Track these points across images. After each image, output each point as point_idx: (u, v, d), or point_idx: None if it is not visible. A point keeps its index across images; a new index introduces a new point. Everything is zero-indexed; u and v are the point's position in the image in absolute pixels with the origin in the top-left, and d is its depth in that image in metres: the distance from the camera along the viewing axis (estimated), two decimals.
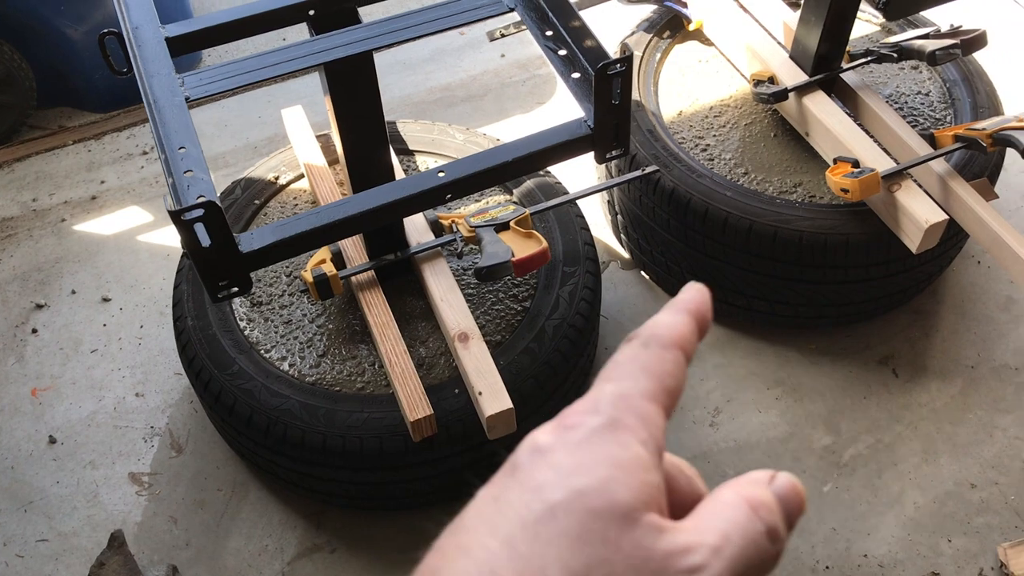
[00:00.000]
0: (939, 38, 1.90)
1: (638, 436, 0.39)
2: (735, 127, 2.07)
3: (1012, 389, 2.03)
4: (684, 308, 0.44)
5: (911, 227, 1.74)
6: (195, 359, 1.76)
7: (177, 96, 1.31)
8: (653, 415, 0.40)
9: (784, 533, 0.39)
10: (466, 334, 1.67)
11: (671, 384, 0.41)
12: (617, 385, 0.40)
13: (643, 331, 0.43)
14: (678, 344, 0.42)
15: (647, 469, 0.38)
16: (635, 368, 0.41)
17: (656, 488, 0.38)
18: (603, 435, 0.38)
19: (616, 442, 0.38)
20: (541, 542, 0.35)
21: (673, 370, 0.42)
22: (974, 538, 1.83)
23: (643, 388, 0.40)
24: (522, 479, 0.38)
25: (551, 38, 1.36)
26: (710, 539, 0.37)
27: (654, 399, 0.40)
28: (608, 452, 0.38)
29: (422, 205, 1.29)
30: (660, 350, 0.42)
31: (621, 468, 0.37)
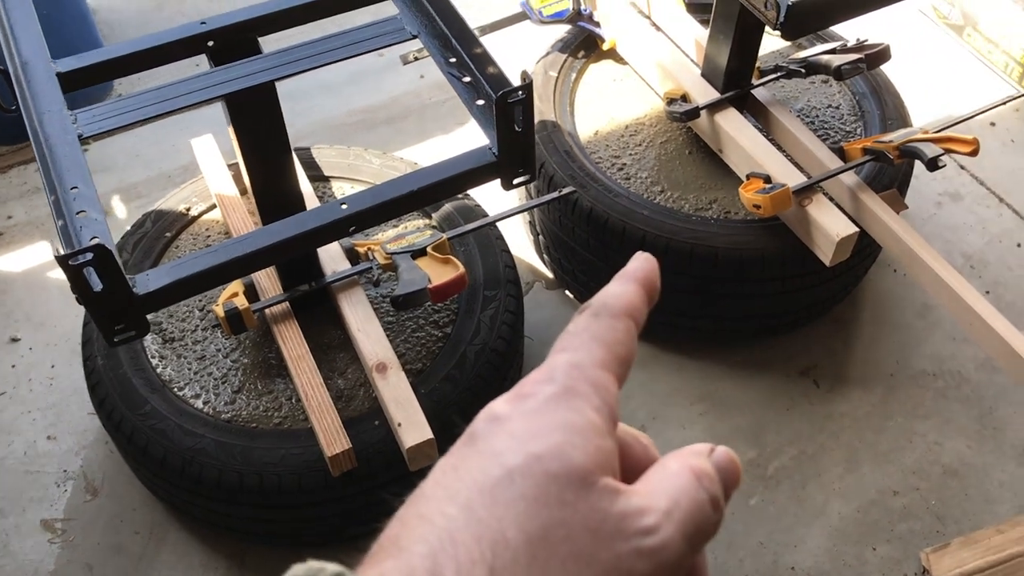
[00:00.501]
0: (845, 53, 1.93)
1: (591, 403, 0.40)
2: (651, 145, 2.08)
3: (930, 395, 2.07)
4: (633, 277, 0.46)
5: (823, 240, 1.76)
6: (106, 399, 1.70)
7: (69, 133, 1.27)
8: (606, 382, 0.41)
9: (723, 502, 0.41)
10: (384, 364, 1.64)
11: (622, 352, 0.43)
12: (571, 355, 0.42)
13: (594, 301, 0.44)
14: (628, 313, 0.44)
15: (601, 434, 0.39)
16: (587, 338, 0.43)
17: (610, 453, 0.39)
18: (558, 402, 0.40)
19: (571, 408, 0.39)
20: (499, 506, 0.36)
21: (624, 338, 0.43)
22: (897, 545, 1.85)
23: (595, 357, 0.42)
24: (480, 447, 0.39)
25: (455, 65, 1.35)
26: (662, 503, 0.38)
27: (606, 367, 0.42)
28: (563, 418, 0.39)
29: (324, 239, 1.27)
30: (611, 319, 0.43)
31: (576, 433, 0.38)
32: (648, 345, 2.13)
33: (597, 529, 0.37)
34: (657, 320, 2.04)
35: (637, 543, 0.37)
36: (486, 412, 0.40)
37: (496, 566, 0.35)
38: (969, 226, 2.38)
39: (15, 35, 1.39)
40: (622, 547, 0.37)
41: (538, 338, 2.17)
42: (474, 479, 0.37)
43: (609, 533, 0.37)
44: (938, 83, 2.73)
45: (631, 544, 0.37)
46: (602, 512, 0.37)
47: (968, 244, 2.34)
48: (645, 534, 0.37)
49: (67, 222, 1.17)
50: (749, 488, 1.92)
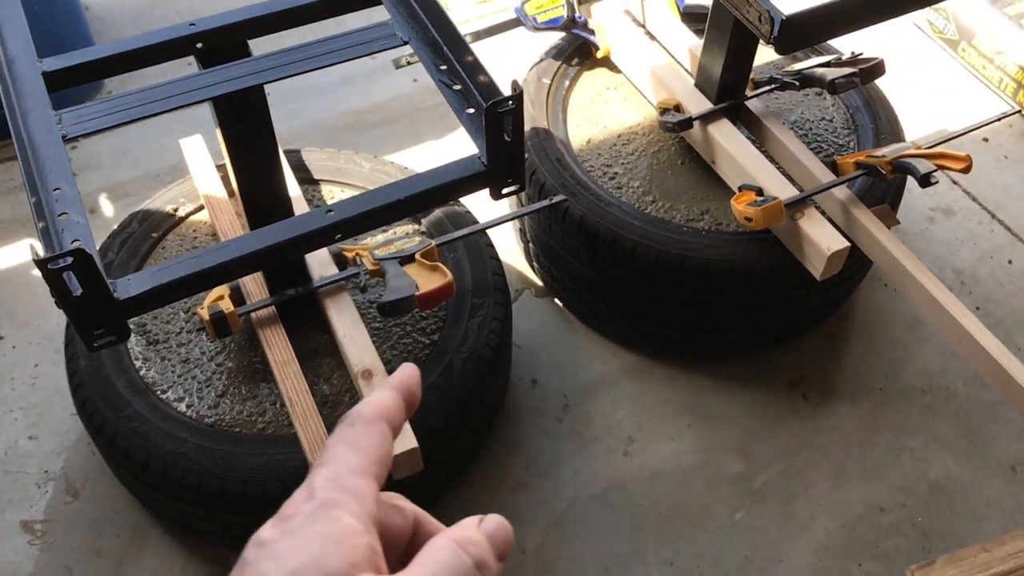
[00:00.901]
0: (840, 66, 1.92)
1: (349, 509, 0.44)
2: (643, 155, 2.07)
3: (919, 411, 2.06)
4: (391, 385, 0.51)
5: (814, 254, 1.75)
6: (88, 401, 1.68)
7: (53, 134, 1.25)
8: (363, 486, 0.45)
9: (493, 563, 0.45)
10: (370, 371, 1.63)
11: (377, 454, 0.47)
12: (327, 468, 0.46)
13: (350, 412, 0.49)
14: (381, 417, 0.49)
15: (359, 535, 0.43)
16: (343, 448, 0.47)
17: (368, 549, 0.43)
18: (316, 516, 0.43)
19: (328, 520, 0.43)
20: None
21: (379, 441, 0.48)
22: (883, 561, 1.84)
23: (351, 465, 0.46)
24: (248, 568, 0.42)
25: (445, 72, 1.33)
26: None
27: (363, 471, 0.46)
28: (321, 530, 0.42)
29: (311, 246, 1.26)
30: (364, 425, 0.48)
31: (333, 541, 0.42)
32: (637, 356, 2.13)
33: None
34: (646, 331, 2.04)
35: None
36: (254, 539, 0.43)
37: None
38: (961, 242, 2.38)
39: (1, 32, 1.37)
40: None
41: (526, 346, 2.16)
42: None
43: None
44: (932, 97, 2.73)
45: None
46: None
47: (959, 260, 2.34)
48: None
49: (48, 224, 1.15)
50: (736, 502, 1.91)
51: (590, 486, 1.93)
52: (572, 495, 1.92)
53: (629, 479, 1.94)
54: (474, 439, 1.92)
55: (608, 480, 1.94)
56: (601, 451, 1.99)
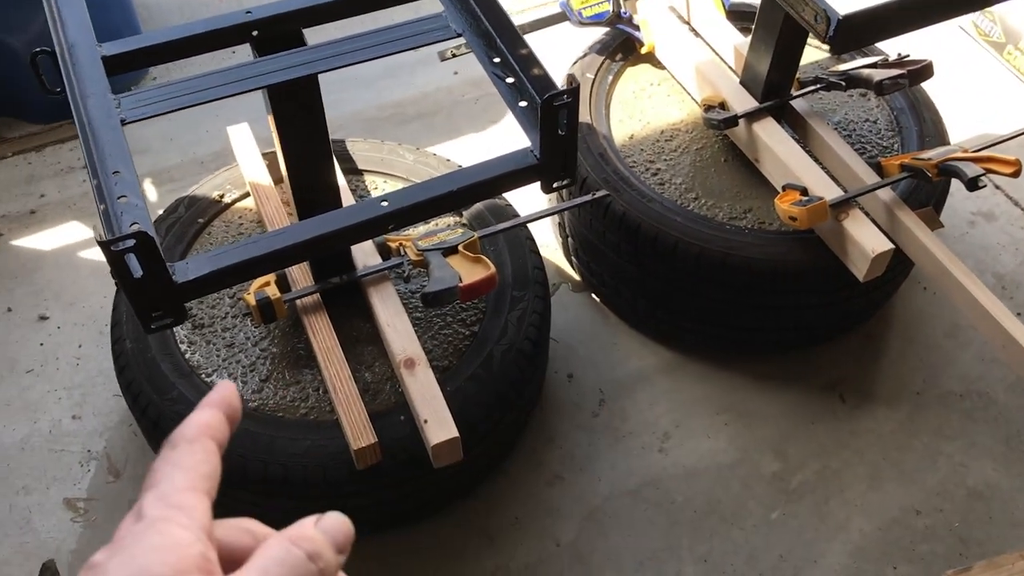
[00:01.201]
0: (887, 67, 1.91)
1: (178, 523, 0.45)
2: (686, 151, 2.07)
3: (957, 416, 2.05)
4: (207, 404, 0.52)
5: (858, 256, 1.75)
6: (133, 383, 1.71)
7: (112, 118, 1.27)
8: (192, 501, 0.47)
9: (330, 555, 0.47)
10: (412, 360, 1.64)
11: (205, 470, 0.49)
12: (155, 489, 0.47)
13: (172, 435, 0.50)
14: (204, 434, 0.50)
15: (188, 544, 0.44)
16: (168, 469, 0.48)
17: (199, 557, 0.44)
18: (144, 533, 0.44)
19: (156, 533, 0.44)
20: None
21: (204, 457, 0.49)
22: (919, 565, 1.83)
23: (177, 484, 0.47)
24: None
25: (499, 65, 1.34)
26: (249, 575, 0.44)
27: (191, 489, 0.47)
28: (148, 543, 0.44)
29: (364, 235, 1.27)
30: (187, 445, 0.49)
31: (159, 551, 0.43)
32: (674, 352, 2.13)
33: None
34: (685, 328, 2.04)
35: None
36: (87, 564, 0.44)
37: None
38: (1002, 246, 2.36)
39: (62, 17, 1.39)
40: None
41: (563, 340, 2.16)
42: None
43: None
44: (976, 101, 2.70)
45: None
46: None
47: (1001, 264, 2.32)
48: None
49: (108, 207, 1.17)
50: (771, 501, 1.91)
51: (625, 481, 1.94)
52: (607, 490, 1.93)
53: (664, 475, 1.95)
54: (512, 431, 1.93)
55: (643, 476, 1.95)
56: (636, 447, 1.99)
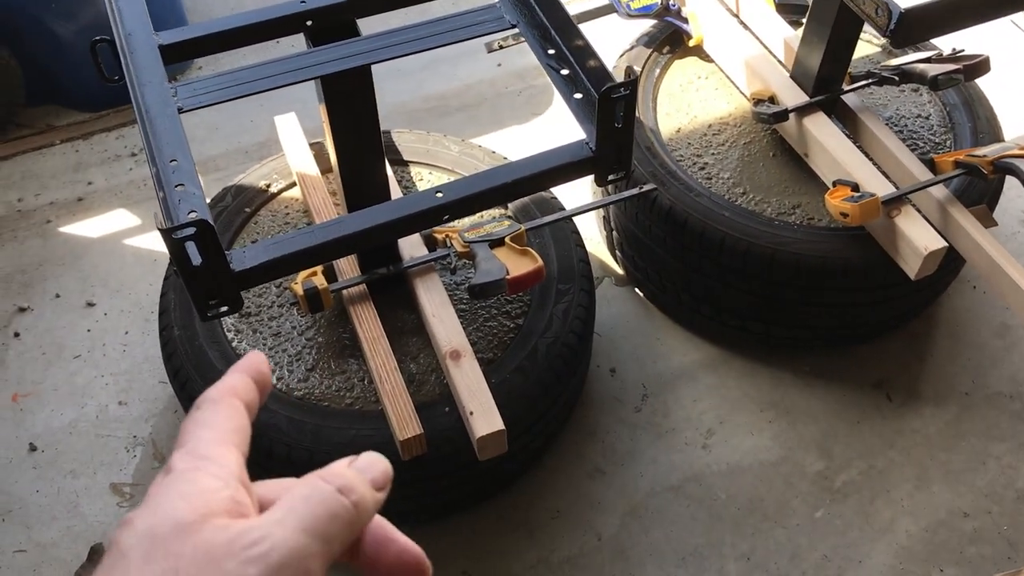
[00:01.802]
0: (941, 62, 1.88)
1: (207, 471, 0.45)
2: (734, 146, 2.05)
3: (1006, 417, 2.02)
4: (235, 369, 0.53)
5: (910, 253, 1.72)
6: (181, 370, 1.72)
7: (169, 106, 1.28)
8: (220, 452, 0.47)
9: (364, 487, 0.47)
10: (458, 352, 1.64)
11: (230, 425, 0.49)
12: (183, 447, 0.47)
13: (198, 399, 0.51)
14: (229, 394, 0.51)
15: (216, 489, 0.44)
16: (193, 427, 0.48)
17: (228, 500, 0.44)
18: (172, 483, 0.45)
19: (183, 481, 0.44)
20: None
21: (229, 414, 0.49)
22: (966, 568, 1.81)
23: (206, 438, 0.47)
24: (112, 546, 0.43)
25: (553, 56, 1.33)
26: (274, 515, 0.43)
27: (219, 442, 0.47)
28: (175, 490, 0.44)
29: (419, 226, 1.27)
30: (211, 404, 0.50)
31: (184, 496, 0.43)
32: (718, 348, 2.11)
33: (207, 561, 0.41)
34: (730, 324, 2.02)
35: (244, 555, 0.41)
36: (120, 521, 0.45)
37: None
38: None
39: (120, 6, 1.40)
40: (230, 564, 0.41)
41: (606, 335, 2.15)
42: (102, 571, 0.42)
43: (218, 558, 0.41)
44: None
45: (239, 558, 0.41)
46: (209, 545, 0.42)
47: None
48: (251, 545, 0.42)
49: (167, 194, 1.17)
50: (816, 500, 1.89)
51: (668, 477, 1.93)
52: (649, 485, 1.92)
53: (707, 472, 1.94)
54: (554, 425, 1.92)
55: (686, 472, 1.94)
56: (679, 443, 1.98)
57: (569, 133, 1.31)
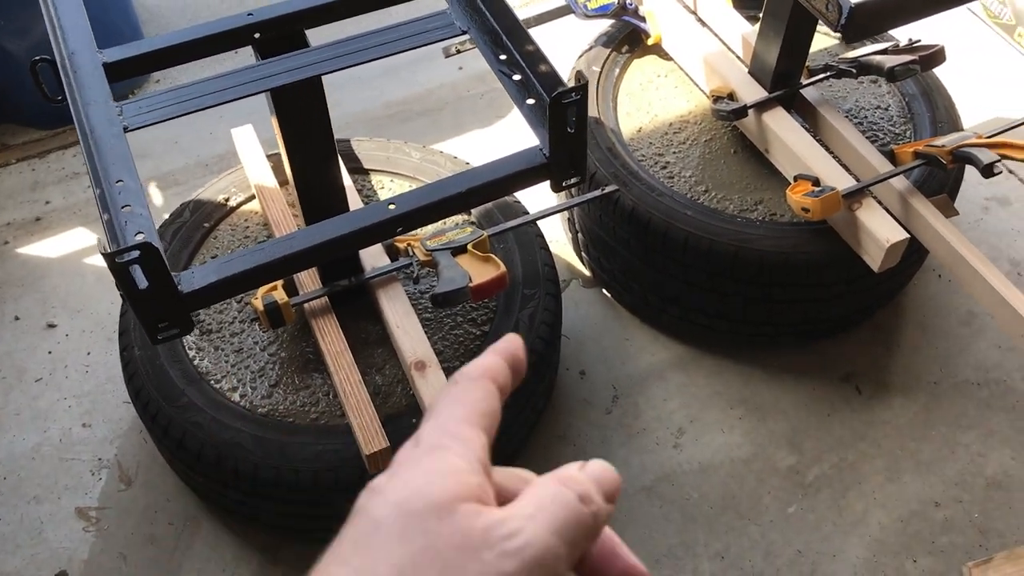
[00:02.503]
0: (898, 53, 1.88)
1: (455, 451, 0.44)
2: (695, 144, 2.04)
3: (974, 404, 2.02)
4: (493, 350, 0.51)
5: (872, 246, 1.72)
6: (142, 390, 1.70)
7: (115, 126, 1.26)
8: (470, 434, 0.46)
9: (599, 498, 0.45)
10: (423, 362, 1.62)
11: (483, 407, 0.47)
12: (434, 420, 0.47)
13: (456, 374, 0.50)
14: (486, 375, 0.49)
15: (464, 473, 0.43)
16: (448, 401, 0.47)
17: (476, 487, 0.43)
18: (422, 458, 0.44)
19: (434, 459, 0.44)
20: (370, 551, 0.40)
21: (484, 395, 0.48)
22: (939, 558, 1.81)
23: (457, 415, 0.46)
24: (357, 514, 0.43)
25: (505, 62, 1.32)
26: (526, 510, 0.42)
27: (470, 422, 0.46)
28: (426, 467, 0.43)
29: (372, 240, 1.25)
30: (468, 382, 0.48)
31: (436, 474, 0.43)
32: (686, 347, 2.11)
33: (463, 546, 0.40)
34: (697, 322, 2.02)
35: (501, 547, 0.40)
36: (367, 487, 0.44)
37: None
38: (1017, 231, 2.33)
39: (62, 24, 1.37)
40: (487, 555, 0.40)
41: (574, 337, 2.14)
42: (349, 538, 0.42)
43: (475, 546, 0.40)
44: (989, 84, 2.67)
45: (496, 550, 0.40)
46: (466, 530, 0.41)
47: (1016, 250, 2.29)
48: (508, 538, 0.41)
49: (112, 216, 1.15)
50: (788, 496, 1.89)
51: (640, 478, 1.92)
52: (622, 487, 1.90)
53: (679, 471, 1.93)
54: (524, 430, 1.91)
55: (658, 472, 1.93)
56: (650, 443, 1.97)
57: (532, 136, 1.30)
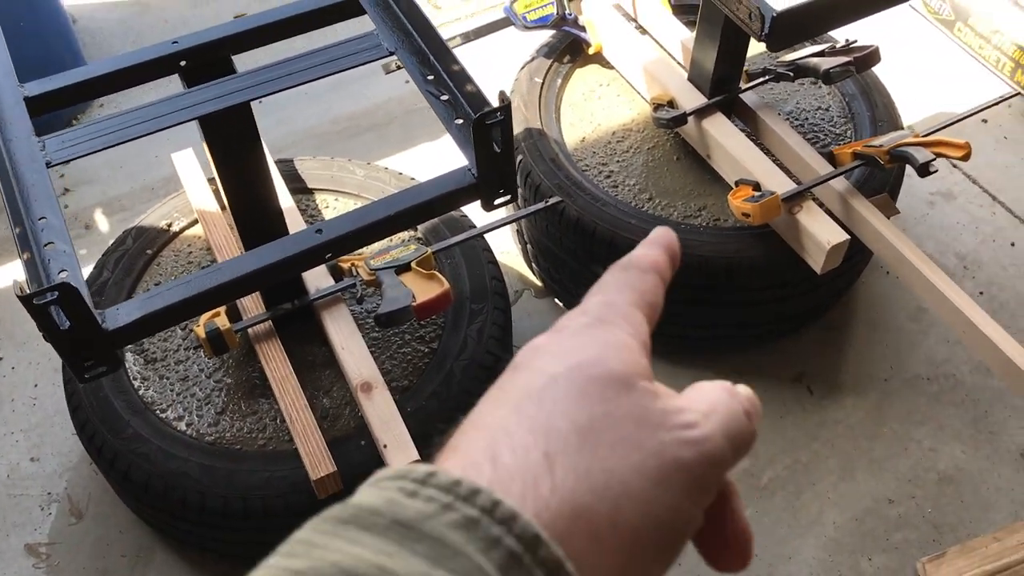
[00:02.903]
0: (834, 55, 1.90)
1: (625, 330, 0.44)
2: (638, 152, 2.05)
3: (925, 399, 2.04)
4: (656, 242, 0.50)
5: (814, 248, 1.73)
6: (87, 423, 1.67)
7: (36, 161, 1.24)
8: (638, 317, 0.45)
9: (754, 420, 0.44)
10: (369, 384, 1.61)
11: (651, 299, 0.47)
12: (603, 296, 0.46)
13: (622, 260, 0.49)
14: (654, 268, 0.49)
15: (636, 352, 0.43)
16: (618, 283, 0.47)
17: (645, 368, 0.42)
18: (593, 327, 0.43)
19: (605, 331, 0.43)
20: (547, 402, 0.39)
21: (652, 287, 0.48)
22: (894, 555, 1.83)
23: (627, 297, 0.46)
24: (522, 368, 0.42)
25: (432, 82, 1.31)
26: (701, 406, 0.42)
27: (638, 307, 0.46)
28: (599, 337, 0.43)
29: (300, 267, 1.24)
30: (639, 271, 0.48)
31: (612, 347, 0.42)
32: None
33: (641, 420, 0.40)
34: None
35: (680, 434, 0.40)
36: (527, 346, 0.44)
37: (549, 450, 0.38)
38: (963, 225, 2.36)
39: None
40: (666, 436, 0.39)
41: None
42: (520, 388, 0.41)
43: (653, 424, 0.40)
44: (929, 80, 2.70)
45: (674, 434, 0.40)
46: (644, 407, 0.40)
47: (962, 244, 2.31)
48: (687, 427, 0.40)
49: (34, 255, 1.13)
50: (743, 499, 1.89)
51: None
52: None
53: None
54: None
55: None
56: None
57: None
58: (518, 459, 0.38)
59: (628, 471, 0.38)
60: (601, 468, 0.38)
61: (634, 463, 0.38)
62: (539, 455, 0.38)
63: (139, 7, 2.99)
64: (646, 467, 0.38)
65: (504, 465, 0.38)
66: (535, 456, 0.38)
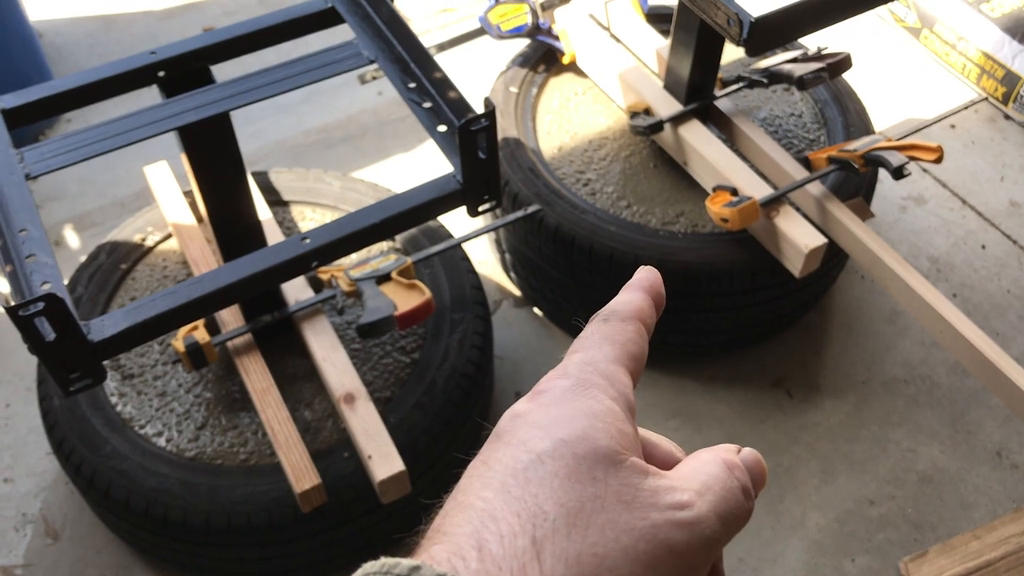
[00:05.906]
0: (807, 61, 1.92)
1: (607, 393, 0.42)
2: (616, 159, 2.06)
3: (902, 401, 2.06)
4: (638, 286, 0.50)
5: (792, 252, 1.75)
6: (65, 441, 1.65)
7: (16, 174, 1.22)
8: (620, 375, 0.44)
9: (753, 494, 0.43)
10: (352, 395, 1.60)
11: (634, 350, 0.46)
12: (583, 354, 0.45)
13: (603, 310, 0.48)
14: (635, 316, 0.47)
15: (621, 419, 0.41)
16: (598, 338, 0.46)
17: (632, 437, 0.41)
18: (575, 393, 0.42)
19: (588, 397, 0.42)
20: (533, 484, 0.38)
21: (634, 337, 0.46)
22: (876, 555, 1.84)
23: (607, 354, 0.45)
24: (507, 440, 0.41)
25: (414, 90, 1.31)
26: (694, 485, 0.41)
27: (619, 362, 0.45)
28: (583, 406, 0.41)
29: (287, 276, 1.23)
30: (620, 322, 0.47)
31: (597, 418, 0.41)
32: None
33: (631, 501, 0.38)
34: None
35: (671, 515, 0.39)
36: (508, 412, 0.43)
37: (537, 536, 0.37)
38: (934, 229, 2.39)
39: None
40: (657, 517, 0.38)
41: (508, 357, 2.14)
42: (505, 466, 0.39)
43: (643, 505, 0.39)
44: (897, 86, 2.74)
45: (666, 515, 0.38)
46: (633, 486, 0.39)
47: (934, 247, 2.35)
48: (679, 508, 0.39)
49: (16, 267, 1.12)
50: None
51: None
52: None
53: None
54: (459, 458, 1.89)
55: None
56: None
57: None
58: (505, 547, 0.37)
59: (618, 556, 0.37)
60: (591, 553, 0.37)
61: (624, 547, 0.38)
62: (527, 542, 0.37)
63: (105, 22, 2.96)
64: (636, 551, 0.38)
65: (490, 554, 0.37)
66: (522, 543, 0.37)
